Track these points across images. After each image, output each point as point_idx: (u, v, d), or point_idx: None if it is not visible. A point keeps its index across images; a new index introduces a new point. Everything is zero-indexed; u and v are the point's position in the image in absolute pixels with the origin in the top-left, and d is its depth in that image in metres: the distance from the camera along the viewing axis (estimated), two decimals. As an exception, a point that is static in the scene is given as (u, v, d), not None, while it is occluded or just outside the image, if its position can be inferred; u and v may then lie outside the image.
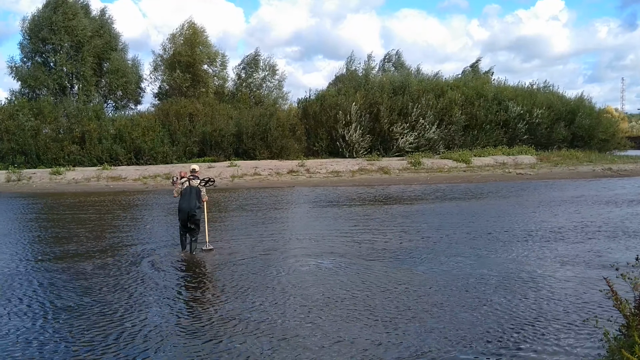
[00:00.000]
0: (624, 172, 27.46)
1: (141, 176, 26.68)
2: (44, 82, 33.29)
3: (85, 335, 5.81)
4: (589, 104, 40.11)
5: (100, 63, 35.99)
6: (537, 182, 23.74)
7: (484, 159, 30.98)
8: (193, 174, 10.07)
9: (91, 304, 6.92)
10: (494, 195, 19.26)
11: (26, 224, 14.61)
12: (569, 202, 16.44)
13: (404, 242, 10.61)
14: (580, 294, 7.00)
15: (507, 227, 12.12)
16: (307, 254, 9.66)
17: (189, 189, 9.85)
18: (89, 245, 10.97)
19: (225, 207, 17.03)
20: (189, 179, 9.95)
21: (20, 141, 30.33)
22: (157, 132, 31.96)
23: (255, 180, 26.07)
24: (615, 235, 10.93)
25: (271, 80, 40.26)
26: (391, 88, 34.86)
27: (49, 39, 33.19)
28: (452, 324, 5.99)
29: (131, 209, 17.22)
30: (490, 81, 40.96)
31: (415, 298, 6.95)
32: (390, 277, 8.01)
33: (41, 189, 24.65)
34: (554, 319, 6.08)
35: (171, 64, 36.87)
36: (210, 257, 9.70)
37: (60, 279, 8.26)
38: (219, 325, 6.08)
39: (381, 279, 7.90)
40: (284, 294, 7.20)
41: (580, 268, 8.33)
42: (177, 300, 7.17)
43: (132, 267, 8.94)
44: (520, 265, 8.53)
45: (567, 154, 32.87)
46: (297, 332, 5.82)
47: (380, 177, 26.84)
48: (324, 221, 13.82)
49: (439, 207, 16.21)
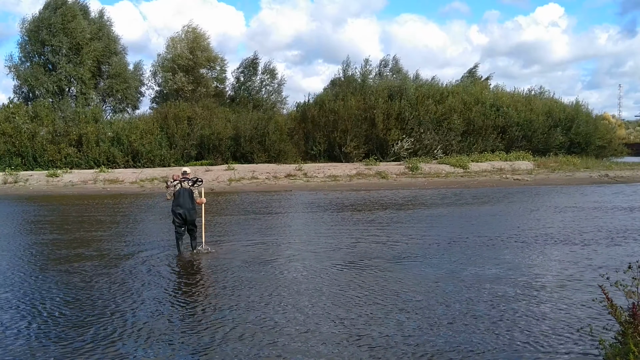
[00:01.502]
0: (620, 179, 27.54)
1: (138, 179, 26.64)
2: (44, 84, 33.27)
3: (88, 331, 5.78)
4: (586, 110, 40.35)
5: (99, 66, 35.99)
6: (534, 188, 23.78)
7: (482, 164, 31.04)
8: (184, 176, 10.30)
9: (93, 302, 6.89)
10: (500, 200, 19.27)
11: (28, 226, 14.55)
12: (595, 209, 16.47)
13: (405, 247, 10.58)
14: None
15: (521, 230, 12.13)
16: (303, 258, 9.64)
17: (181, 191, 10.13)
18: (93, 247, 10.93)
19: (221, 211, 16.98)
20: (180, 181, 10.20)
21: (17, 143, 30.27)
22: (155, 135, 31.96)
23: (252, 184, 26.05)
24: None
25: (271, 84, 40.38)
26: (387, 93, 34.96)
27: (47, 41, 33.19)
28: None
29: (128, 212, 17.16)
30: (488, 87, 41.10)
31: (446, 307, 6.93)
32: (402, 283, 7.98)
33: (38, 191, 24.57)
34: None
35: (171, 67, 36.93)
36: (205, 261, 9.68)
37: (66, 282, 8.22)
38: (212, 322, 6.05)
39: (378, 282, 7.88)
40: (279, 296, 7.18)
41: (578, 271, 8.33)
42: (174, 299, 7.13)
43: (130, 269, 8.93)
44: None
45: (564, 160, 32.97)
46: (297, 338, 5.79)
47: (377, 181, 26.86)
48: (321, 225, 13.79)
49: (444, 212, 16.20)
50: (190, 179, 10.37)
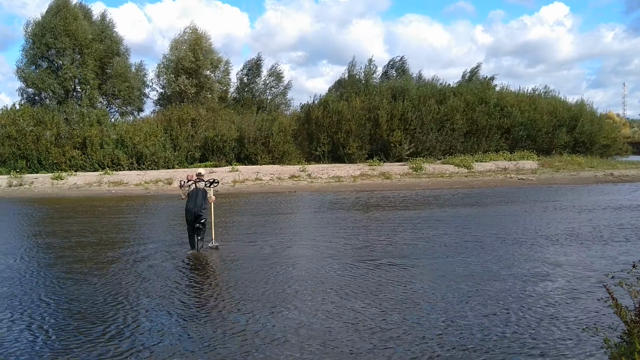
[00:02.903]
0: (625, 178, 27.40)
1: (142, 181, 26.71)
2: (50, 86, 33.42)
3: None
4: (591, 109, 40.16)
5: (103, 67, 36.11)
6: (539, 187, 23.69)
7: (486, 164, 30.95)
8: (199, 177, 10.73)
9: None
10: (517, 200, 19.22)
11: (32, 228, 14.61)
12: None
13: (409, 247, 10.57)
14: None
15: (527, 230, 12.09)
16: (307, 258, 9.65)
17: (196, 191, 10.55)
18: (102, 250, 10.98)
19: (226, 212, 17.00)
20: (195, 181, 10.63)
21: (21, 146, 30.43)
22: (159, 138, 32.06)
23: (256, 185, 26.08)
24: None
25: (276, 87, 40.48)
26: (390, 93, 34.94)
27: (52, 44, 33.35)
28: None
29: (135, 213, 17.21)
30: (492, 87, 40.92)
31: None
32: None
33: (43, 194, 24.68)
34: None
35: (175, 69, 37.04)
36: (213, 258, 9.76)
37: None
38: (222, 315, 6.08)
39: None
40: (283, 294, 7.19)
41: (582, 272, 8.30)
42: (184, 293, 7.17)
43: (142, 267, 9.14)
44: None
45: (568, 159, 32.83)
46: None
47: (381, 182, 26.82)
48: (325, 228, 13.78)
49: (449, 213, 16.17)
50: (207, 180, 10.88)
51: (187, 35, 38.08)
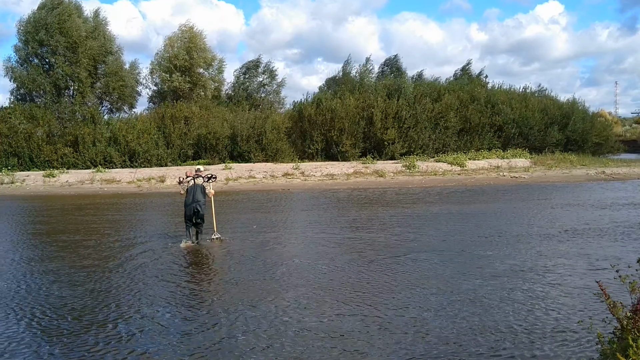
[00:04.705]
0: (617, 176, 27.60)
1: (135, 179, 26.58)
2: (41, 85, 33.07)
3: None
4: (582, 107, 40.43)
5: (96, 65, 35.81)
6: (531, 185, 23.80)
7: (479, 162, 31.06)
8: (198, 172, 11.21)
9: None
10: (511, 198, 19.30)
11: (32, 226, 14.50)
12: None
13: (405, 244, 10.60)
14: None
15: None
16: (299, 256, 9.66)
17: (194, 187, 10.87)
18: (99, 248, 10.92)
19: (219, 210, 16.93)
20: (194, 177, 10.99)
21: (13, 143, 30.17)
22: (152, 135, 31.89)
23: (249, 183, 26.02)
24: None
25: (270, 85, 40.38)
26: (385, 91, 34.98)
27: (45, 41, 33.00)
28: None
29: (128, 210, 17.13)
30: (483, 84, 41.03)
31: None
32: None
33: (35, 191, 24.48)
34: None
35: (168, 67, 36.83)
36: (208, 252, 9.74)
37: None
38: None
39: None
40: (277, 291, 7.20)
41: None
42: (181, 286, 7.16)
43: (138, 262, 8.98)
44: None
45: (561, 157, 33.03)
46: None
47: (375, 180, 26.85)
48: (317, 225, 13.79)
49: (447, 210, 16.22)
50: (205, 176, 11.26)
51: (183, 33, 37.87)
